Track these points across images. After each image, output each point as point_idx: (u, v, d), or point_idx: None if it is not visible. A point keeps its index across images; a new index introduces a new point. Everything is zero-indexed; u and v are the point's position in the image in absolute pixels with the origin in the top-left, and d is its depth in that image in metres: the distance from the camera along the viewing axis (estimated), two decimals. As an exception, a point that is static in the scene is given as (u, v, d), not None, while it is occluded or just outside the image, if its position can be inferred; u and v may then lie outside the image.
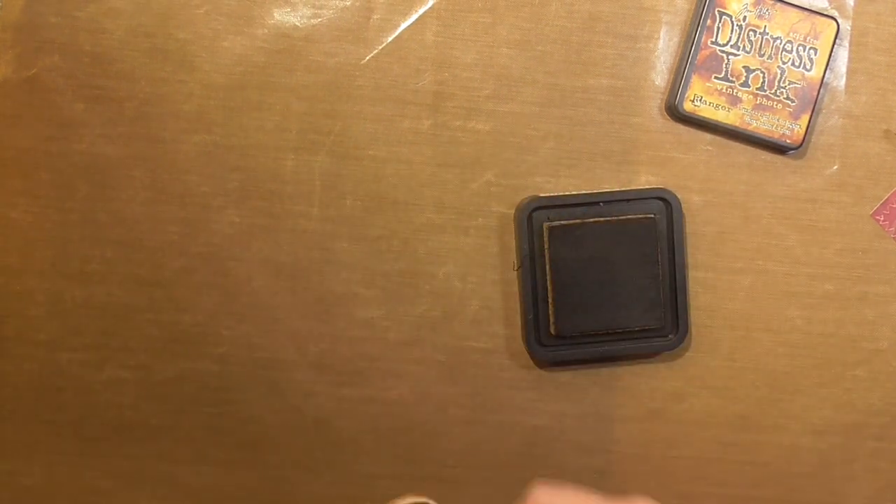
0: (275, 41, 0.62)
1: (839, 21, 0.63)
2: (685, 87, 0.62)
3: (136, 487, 0.64)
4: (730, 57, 0.62)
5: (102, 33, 0.61)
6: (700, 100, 0.62)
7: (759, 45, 0.63)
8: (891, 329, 0.66)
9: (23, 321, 0.63)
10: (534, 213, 0.62)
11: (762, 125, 0.63)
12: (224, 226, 0.63)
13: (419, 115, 0.63)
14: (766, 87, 0.63)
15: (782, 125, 0.63)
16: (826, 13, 0.63)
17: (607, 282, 0.62)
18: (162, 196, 0.62)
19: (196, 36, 0.62)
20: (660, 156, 0.64)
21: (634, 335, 0.63)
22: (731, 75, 0.63)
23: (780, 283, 0.65)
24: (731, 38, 0.62)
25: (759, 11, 0.62)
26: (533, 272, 0.62)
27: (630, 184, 0.64)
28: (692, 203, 0.64)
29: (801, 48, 0.63)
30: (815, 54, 0.63)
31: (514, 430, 0.65)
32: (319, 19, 0.62)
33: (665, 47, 0.64)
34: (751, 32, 0.62)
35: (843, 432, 0.66)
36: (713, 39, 0.62)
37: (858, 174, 0.65)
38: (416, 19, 0.62)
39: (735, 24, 0.62)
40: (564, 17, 0.63)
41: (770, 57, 0.63)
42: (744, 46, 0.63)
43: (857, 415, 0.66)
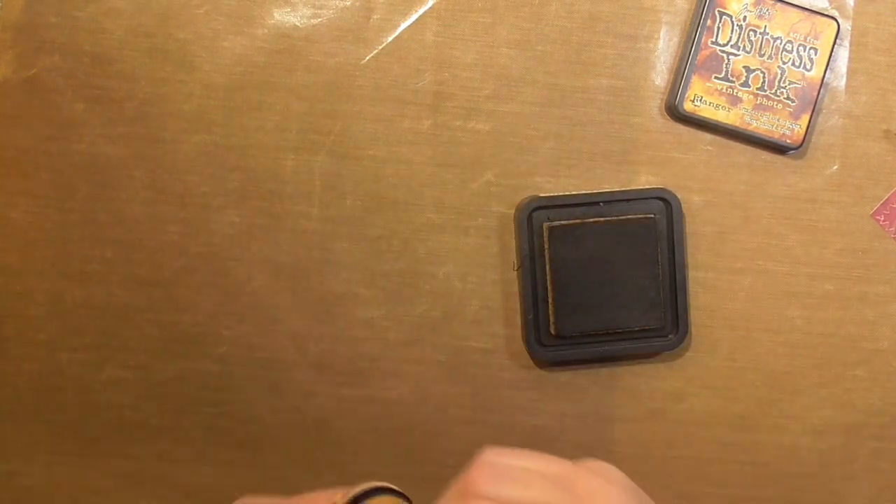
0: (275, 41, 0.62)
1: (839, 21, 0.63)
2: (685, 87, 0.62)
3: (136, 487, 0.64)
4: (730, 57, 0.62)
5: (102, 33, 0.61)
6: (700, 100, 0.62)
7: (759, 45, 0.63)
8: (891, 329, 0.66)
9: (23, 321, 0.63)
10: (534, 213, 0.62)
11: (762, 125, 0.63)
12: (224, 226, 0.63)
13: (419, 115, 0.63)
14: (766, 87, 0.63)
15: (782, 125, 0.63)
16: (826, 13, 0.63)
17: (607, 282, 0.62)
18: (162, 196, 0.62)
19: (196, 36, 0.62)
20: (660, 156, 0.64)
21: (634, 335, 0.63)
22: (732, 75, 0.63)
23: (780, 283, 0.65)
24: (731, 38, 0.62)
25: (760, 11, 0.62)
26: (533, 272, 0.62)
27: (630, 184, 0.64)
28: (692, 203, 0.64)
29: (801, 48, 0.63)
30: (816, 54, 0.63)
31: (515, 430, 0.65)
32: (319, 19, 0.62)
33: (665, 47, 0.64)
34: (751, 32, 0.62)
35: (843, 432, 0.66)
36: (713, 39, 0.62)
37: (858, 174, 0.65)
38: (416, 19, 0.62)
39: (735, 24, 0.62)
40: (564, 17, 0.63)
41: (770, 57, 0.63)
42: (744, 46, 0.62)
43: (857, 415, 0.66)
